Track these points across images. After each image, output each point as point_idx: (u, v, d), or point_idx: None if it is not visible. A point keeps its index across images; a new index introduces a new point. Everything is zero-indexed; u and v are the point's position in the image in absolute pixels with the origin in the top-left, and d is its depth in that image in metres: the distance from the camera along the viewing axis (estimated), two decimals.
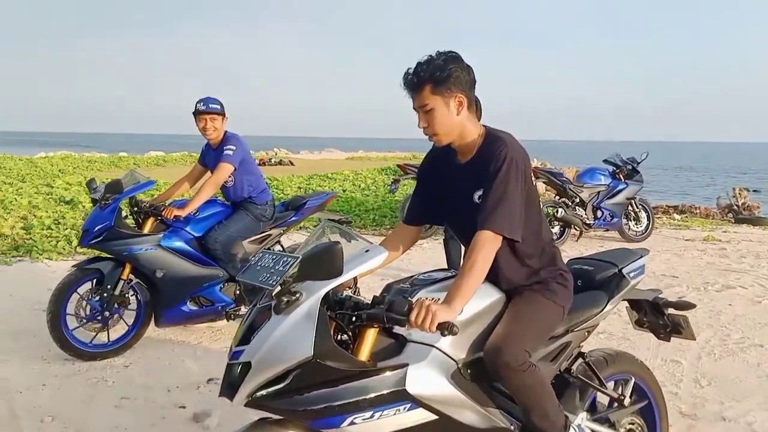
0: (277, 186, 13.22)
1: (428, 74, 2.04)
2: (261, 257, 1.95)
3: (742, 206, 12.64)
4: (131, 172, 4.45)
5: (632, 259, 2.69)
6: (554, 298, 2.25)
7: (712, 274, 6.74)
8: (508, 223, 2.02)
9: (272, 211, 4.54)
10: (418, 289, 2.07)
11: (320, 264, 1.78)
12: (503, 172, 2.03)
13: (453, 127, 2.10)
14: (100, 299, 4.01)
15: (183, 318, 4.21)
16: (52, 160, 18.97)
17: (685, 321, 2.70)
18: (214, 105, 4.34)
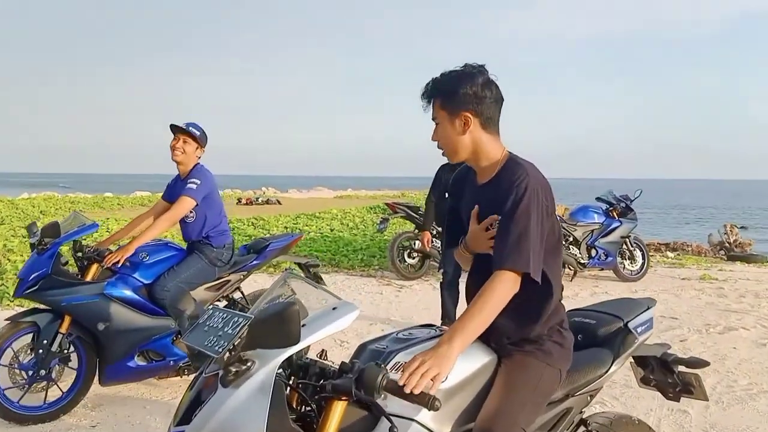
0: (263, 226, 12.92)
1: (438, 89, 1.97)
2: (210, 315, 1.66)
3: (734, 243, 12.49)
4: (74, 214, 4.07)
5: (638, 311, 2.40)
6: (549, 360, 1.95)
7: (713, 315, 6.44)
8: (530, 261, 1.82)
9: (230, 255, 4.16)
10: (396, 352, 1.78)
11: (273, 330, 1.51)
12: (524, 204, 1.85)
13: (457, 145, 1.98)
14: (34, 356, 3.58)
15: (129, 375, 3.78)
16: (33, 202, 18.64)
17: (697, 380, 2.41)
18: (194, 129, 4.07)
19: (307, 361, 1.68)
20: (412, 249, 8.33)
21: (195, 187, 3.97)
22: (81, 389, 3.70)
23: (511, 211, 1.85)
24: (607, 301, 2.61)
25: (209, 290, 4.05)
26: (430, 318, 6.20)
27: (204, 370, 1.66)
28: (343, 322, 1.67)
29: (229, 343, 1.49)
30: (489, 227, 1.94)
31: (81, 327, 3.66)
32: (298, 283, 1.81)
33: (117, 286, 3.72)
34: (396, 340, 1.88)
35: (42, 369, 3.58)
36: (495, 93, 1.95)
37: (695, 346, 5.28)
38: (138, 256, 3.86)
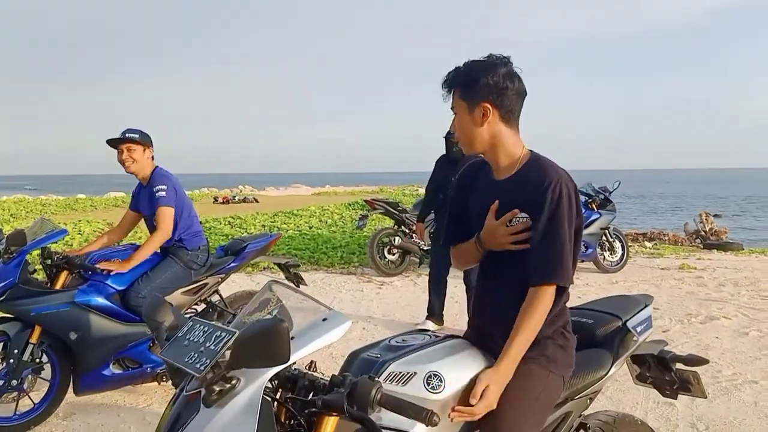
0: (240, 225, 12.75)
1: (459, 78, 1.89)
2: (190, 328, 1.53)
3: (710, 231, 12.63)
4: (41, 219, 3.90)
5: (636, 309, 2.34)
6: (553, 367, 1.86)
7: (694, 305, 6.47)
8: (568, 272, 1.80)
9: (205, 258, 4.04)
10: (389, 361, 1.68)
11: (260, 348, 1.37)
12: (561, 211, 1.79)
13: (474, 137, 1.90)
14: (5, 366, 3.42)
15: (105, 383, 3.64)
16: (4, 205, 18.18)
17: (695, 377, 2.37)
18: (131, 134, 3.88)
19: (295, 373, 1.57)
20: (392, 245, 8.25)
21: (165, 194, 3.85)
22: (54, 400, 3.55)
23: (549, 219, 1.78)
24: (603, 299, 2.54)
25: (186, 294, 3.94)
26: (412, 314, 6.17)
27: (184, 388, 1.54)
28: (334, 334, 1.55)
29: (212, 361, 1.37)
30: (508, 223, 1.85)
31: (53, 336, 3.51)
32: (283, 291, 1.69)
33: (88, 294, 3.57)
34: (388, 347, 1.78)
35: (13, 379, 3.42)
36: (518, 86, 1.86)
37: (677, 337, 5.29)
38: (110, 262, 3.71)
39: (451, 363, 1.73)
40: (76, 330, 3.48)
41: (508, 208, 1.86)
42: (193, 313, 4.26)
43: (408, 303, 6.70)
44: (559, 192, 1.78)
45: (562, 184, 1.80)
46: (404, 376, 1.64)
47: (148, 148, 3.95)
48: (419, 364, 1.67)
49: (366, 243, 8.65)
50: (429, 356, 1.73)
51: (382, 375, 1.62)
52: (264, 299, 1.65)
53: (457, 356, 1.77)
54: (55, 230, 3.67)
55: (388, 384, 1.60)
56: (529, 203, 1.82)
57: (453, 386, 1.68)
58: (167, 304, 1.69)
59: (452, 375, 1.69)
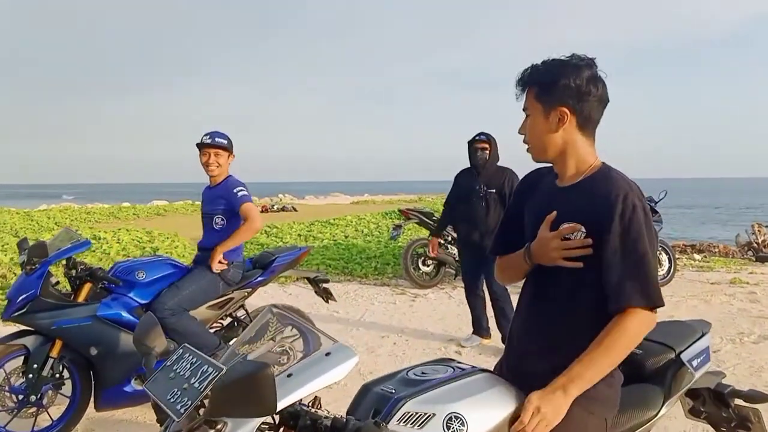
0: (276, 234, 12.76)
1: (536, 77, 1.73)
2: (180, 357, 1.40)
3: (763, 243, 12.05)
4: (65, 230, 3.87)
5: (693, 339, 2.09)
6: (594, 408, 1.64)
7: (746, 323, 6.08)
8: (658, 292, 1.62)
9: (239, 274, 3.96)
10: (405, 399, 1.49)
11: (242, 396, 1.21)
12: (637, 224, 1.62)
13: (546, 143, 1.74)
14: (25, 381, 3.38)
15: (126, 400, 3.56)
16: (49, 213, 18.67)
17: (756, 415, 2.14)
18: (220, 139, 3.95)
19: (297, 409, 1.43)
20: (427, 256, 8.07)
21: (247, 192, 3.95)
22: (73, 417, 3.48)
23: (624, 234, 1.61)
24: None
25: (212, 309, 3.84)
26: (445, 330, 5.97)
27: (167, 427, 1.40)
28: (339, 371, 1.40)
29: (193, 403, 1.24)
30: (564, 237, 1.67)
31: (73, 351, 3.45)
32: (283, 318, 1.54)
33: (111, 307, 3.51)
34: (406, 381, 1.60)
35: (33, 394, 3.36)
36: (601, 92, 1.71)
37: (729, 358, 4.96)
38: (134, 275, 3.65)
39: (475, 403, 1.54)
40: (97, 345, 3.42)
41: (567, 219, 1.69)
42: (219, 327, 4.18)
43: (442, 317, 6.50)
44: (632, 205, 1.63)
45: (635, 198, 1.64)
46: (421, 417, 1.46)
47: (231, 155, 4.02)
48: (439, 403, 1.50)
49: (401, 253, 8.49)
50: (450, 394, 1.54)
51: (397, 414, 1.46)
52: (262, 325, 1.51)
53: (483, 395, 1.58)
54: (79, 241, 3.61)
55: (403, 426, 1.44)
56: (592, 216, 1.64)
57: (478, 427, 1.50)
58: (159, 327, 1.57)
59: (476, 417, 1.51)
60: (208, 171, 3.97)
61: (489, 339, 5.36)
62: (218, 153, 3.93)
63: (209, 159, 3.93)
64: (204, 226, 4.07)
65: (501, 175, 5.19)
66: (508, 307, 4.98)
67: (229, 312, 4.04)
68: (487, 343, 5.34)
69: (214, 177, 4.00)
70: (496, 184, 5.16)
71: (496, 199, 5.14)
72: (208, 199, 4.04)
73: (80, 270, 3.61)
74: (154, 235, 11.80)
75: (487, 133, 5.26)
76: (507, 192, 5.08)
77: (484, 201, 5.15)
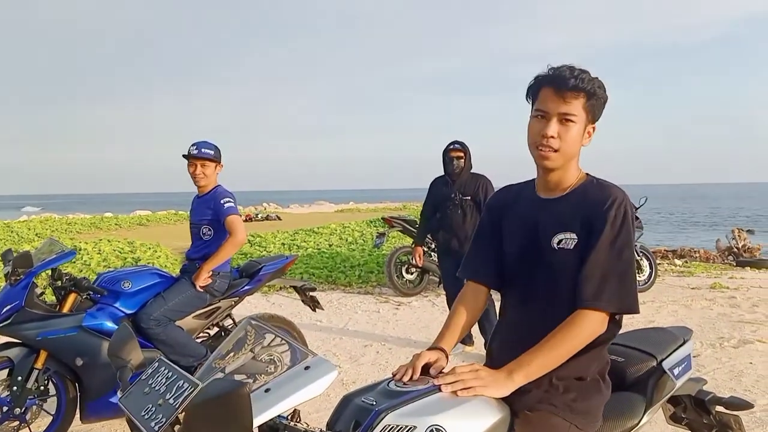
0: (260, 243, 12.70)
1: (590, 85, 1.68)
2: (155, 371, 1.39)
3: (743, 248, 12.24)
4: (50, 240, 3.84)
5: (674, 347, 2.10)
6: (579, 421, 1.65)
7: (726, 327, 6.17)
8: (634, 299, 1.67)
9: (225, 284, 3.96)
10: (386, 411, 1.47)
11: (215, 417, 1.19)
12: (625, 233, 1.66)
13: (573, 154, 1.73)
14: (9, 394, 3.34)
15: (112, 411, 3.51)
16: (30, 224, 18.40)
17: (737, 422, 2.15)
18: (207, 150, 3.96)
19: (276, 422, 1.41)
20: (410, 264, 8.11)
21: (234, 204, 3.96)
22: (61, 427, 3.44)
23: (614, 238, 1.64)
24: (635, 332, 2.29)
25: (198, 318, 3.84)
26: (429, 338, 5.96)
27: None
28: (318, 386, 1.39)
29: (168, 420, 1.22)
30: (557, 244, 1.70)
31: (59, 362, 3.43)
32: (262, 330, 1.53)
33: (97, 318, 3.49)
34: (387, 393, 1.58)
35: (17, 407, 3.33)
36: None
37: (709, 362, 5.04)
38: (120, 285, 3.63)
39: (457, 415, 1.52)
40: (83, 355, 3.39)
41: (560, 229, 1.71)
42: (206, 337, 4.17)
43: (425, 325, 6.53)
44: (624, 212, 1.67)
45: (627, 205, 1.69)
46: (402, 430, 1.45)
47: (219, 165, 4.03)
48: (420, 415, 1.47)
49: (384, 262, 8.52)
50: (431, 406, 1.52)
51: (378, 427, 1.44)
52: (240, 338, 1.50)
53: (464, 406, 1.55)
54: (63, 251, 3.60)
55: None
56: (586, 222, 1.67)
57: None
58: (134, 339, 1.55)
59: (458, 430, 1.49)
60: (196, 182, 3.99)
61: (472, 346, 5.40)
62: (205, 164, 3.94)
63: (196, 170, 3.94)
64: (192, 235, 4.08)
65: (475, 182, 5.26)
66: (492, 312, 5.02)
67: (216, 321, 4.04)
68: (470, 350, 5.37)
69: (201, 187, 4.01)
70: (470, 192, 5.24)
71: (471, 206, 5.22)
72: (196, 209, 4.06)
73: (65, 280, 3.59)
74: (135, 245, 11.69)
75: (461, 142, 5.33)
76: (482, 198, 5.17)
77: (460, 208, 5.23)
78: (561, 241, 1.69)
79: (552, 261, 1.71)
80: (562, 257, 1.69)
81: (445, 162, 5.37)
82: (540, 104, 1.70)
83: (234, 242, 3.85)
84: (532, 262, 1.75)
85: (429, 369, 1.70)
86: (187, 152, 3.95)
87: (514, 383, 1.59)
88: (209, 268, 3.81)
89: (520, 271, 1.80)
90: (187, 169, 3.99)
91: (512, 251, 1.82)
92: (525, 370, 1.60)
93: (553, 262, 1.71)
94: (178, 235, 14.37)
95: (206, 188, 4.01)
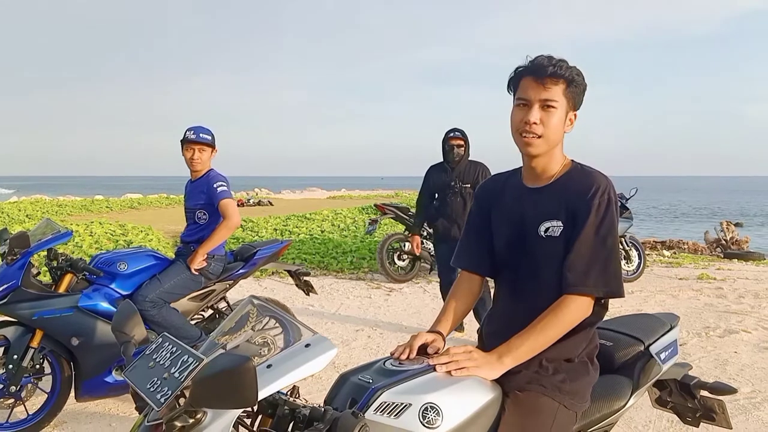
0: (252, 228, 12.72)
1: (569, 72, 1.73)
2: (159, 346, 1.41)
3: (731, 240, 12.38)
4: (46, 221, 3.86)
5: (661, 332, 2.16)
6: (567, 401, 1.71)
7: (712, 317, 6.27)
8: (621, 284, 1.71)
9: (220, 267, 3.99)
10: (382, 389, 1.52)
11: (223, 389, 1.22)
12: (609, 219, 1.70)
13: (557, 140, 1.77)
14: (5, 372, 3.38)
15: (106, 390, 3.57)
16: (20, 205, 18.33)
17: (721, 406, 2.22)
18: (205, 135, 3.96)
19: (275, 398, 1.45)
20: (402, 251, 8.16)
21: (227, 188, 3.97)
22: (52, 409, 3.48)
23: (598, 225, 1.68)
24: (623, 318, 2.35)
25: (193, 300, 3.87)
26: (420, 323, 6.06)
27: (147, 415, 1.42)
28: (317, 363, 1.42)
29: (173, 393, 1.25)
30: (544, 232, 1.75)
31: (54, 341, 3.46)
32: (264, 309, 1.56)
33: (92, 298, 3.52)
34: (383, 372, 1.62)
35: (12, 385, 3.37)
36: None
37: (694, 351, 5.13)
38: (116, 266, 3.66)
39: (451, 393, 1.57)
40: (78, 335, 3.43)
41: (540, 218, 1.76)
42: (200, 319, 4.21)
43: (417, 310, 6.60)
44: (608, 199, 1.71)
45: (610, 192, 1.72)
46: (398, 407, 1.49)
47: (214, 150, 4.04)
48: (415, 393, 1.52)
49: (376, 248, 8.58)
50: (427, 385, 1.57)
51: (374, 404, 1.48)
52: (243, 316, 1.53)
53: (458, 385, 1.61)
54: (60, 232, 3.62)
55: (379, 415, 1.47)
56: (571, 209, 1.72)
57: (452, 421, 1.53)
58: (138, 315, 1.59)
59: (451, 408, 1.54)
60: (192, 166, 4.00)
61: (462, 332, 5.47)
62: (203, 149, 3.95)
63: (193, 155, 3.94)
64: (187, 219, 4.10)
65: (474, 170, 5.29)
66: (488, 298, 5.07)
67: (210, 304, 4.07)
68: (460, 335, 5.44)
69: (195, 172, 4.03)
70: (470, 179, 5.26)
71: (470, 194, 5.23)
72: (190, 193, 4.07)
73: (61, 261, 3.62)
74: (127, 228, 11.69)
75: (461, 130, 5.34)
76: None
77: (460, 196, 5.25)
78: (548, 229, 1.74)
79: (539, 249, 1.76)
80: (550, 245, 1.74)
81: (444, 150, 5.36)
82: (521, 93, 1.74)
83: (228, 225, 3.87)
84: (520, 250, 1.80)
85: (426, 349, 1.76)
86: (183, 137, 3.96)
87: (504, 365, 1.66)
88: (204, 252, 3.84)
89: (510, 259, 1.85)
90: (182, 154, 3.99)
91: (501, 240, 1.87)
92: (514, 353, 1.67)
93: (541, 249, 1.75)
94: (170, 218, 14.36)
95: (200, 172, 4.02)
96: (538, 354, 1.71)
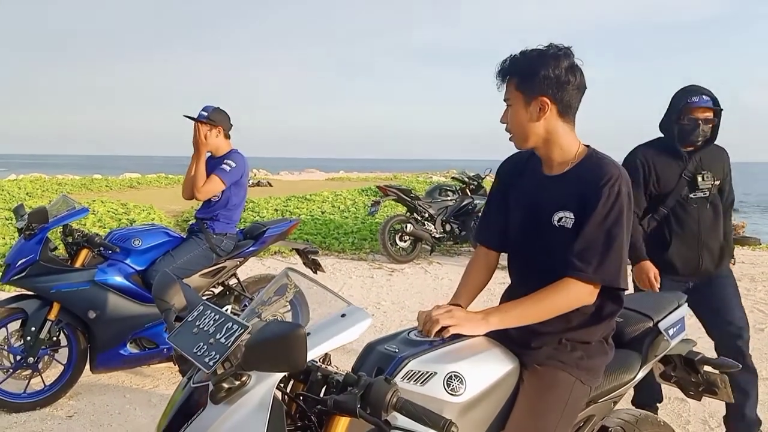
0: (252, 208, 12.78)
1: (516, 67, 1.78)
2: (201, 314, 1.48)
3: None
4: (63, 197, 3.93)
5: (669, 309, 2.22)
6: (583, 377, 1.78)
7: None
8: (620, 275, 1.73)
9: (231, 245, 4.05)
10: (408, 358, 1.59)
11: (274, 354, 1.28)
12: (617, 209, 1.71)
13: (528, 132, 1.80)
14: (23, 344, 3.47)
15: (121, 363, 3.68)
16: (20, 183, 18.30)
17: (723, 381, 2.26)
18: (203, 112, 3.96)
19: (309, 365, 1.51)
20: (404, 232, 8.27)
21: (228, 169, 3.93)
22: (66, 383, 3.60)
23: (605, 215, 1.70)
24: (633, 296, 2.40)
25: (204, 277, 3.95)
26: (422, 303, 6.18)
27: (192, 378, 1.49)
28: (353, 332, 1.49)
29: (222, 357, 1.32)
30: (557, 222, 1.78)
31: (71, 314, 3.55)
32: (300, 280, 1.63)
33: (108, 273, 3.61)
34: (408, 342, 1.69)
35: (30, 356, 3.47)
36: (579, 80, 1.77)
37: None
38: (130, 242, 3.75)
39: (473, 363, 1.64)
40: (94, 309, 3.52)
41: (555, 208, 1.78)
42: (210, 295, 4.30)
43: (418, 290, 6.71)
44: (618, 189, 1.71)
45: (622, 183, 1.72)
46: (423, 376, 1.56)
47: (216, 128, 3.98)
48: (440, 363, 1.59)
49: (378, 229, 8.67)
50: (451, 355, 1.64)
51: (400, 373, 1.55)
52: (281, 287, 1.60)
53: (480, 356, 1.68)
54: (76, 208, 3.70)
55: (406, 383, 1.54)
56: (582, 200, 1.74)
57: (474, 389, 1.60)
58: (177, 283, 1.65)
59: (474, 377, 1.61)
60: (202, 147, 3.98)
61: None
62: (208, 127, 3.95)
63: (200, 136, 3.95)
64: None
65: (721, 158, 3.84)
66: None
67: (221, 280, 4.15)
68: None
69: (209, 151, 4.04)
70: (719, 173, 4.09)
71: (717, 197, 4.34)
72: (209, 171, 4.07)
73: (77, 236, 3.70)
74: (129, 207, 11.74)
75: (712, 95, 3.99)
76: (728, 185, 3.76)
77: (709, 203, 4.23)
78: (561, 219, 1.77)
79: (552, 238, 1.78)
80: (562, 235, 1.76)
81: (681, 125, 3.15)
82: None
83: (197, 187, 3.89)
84: (533, 237, 1.84)
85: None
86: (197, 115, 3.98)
87: (488, 324, 1.70)
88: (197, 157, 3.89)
89: (522, 244, 1.89)
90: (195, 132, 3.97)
91: (515, 225, 1.91)
92: (501, 316, 1.71)
93: (553, 238, 1.78)
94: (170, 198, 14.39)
95: (218, 153, 4.05)
96: (559, 333, 1.78)
